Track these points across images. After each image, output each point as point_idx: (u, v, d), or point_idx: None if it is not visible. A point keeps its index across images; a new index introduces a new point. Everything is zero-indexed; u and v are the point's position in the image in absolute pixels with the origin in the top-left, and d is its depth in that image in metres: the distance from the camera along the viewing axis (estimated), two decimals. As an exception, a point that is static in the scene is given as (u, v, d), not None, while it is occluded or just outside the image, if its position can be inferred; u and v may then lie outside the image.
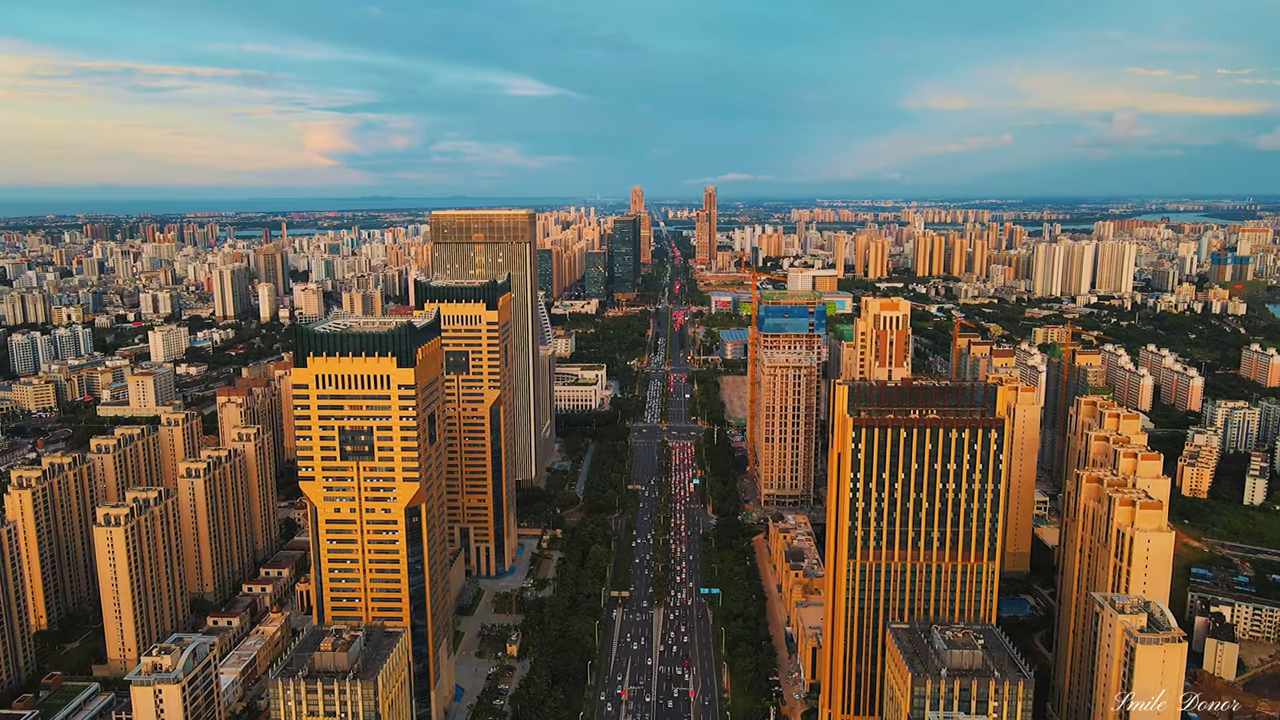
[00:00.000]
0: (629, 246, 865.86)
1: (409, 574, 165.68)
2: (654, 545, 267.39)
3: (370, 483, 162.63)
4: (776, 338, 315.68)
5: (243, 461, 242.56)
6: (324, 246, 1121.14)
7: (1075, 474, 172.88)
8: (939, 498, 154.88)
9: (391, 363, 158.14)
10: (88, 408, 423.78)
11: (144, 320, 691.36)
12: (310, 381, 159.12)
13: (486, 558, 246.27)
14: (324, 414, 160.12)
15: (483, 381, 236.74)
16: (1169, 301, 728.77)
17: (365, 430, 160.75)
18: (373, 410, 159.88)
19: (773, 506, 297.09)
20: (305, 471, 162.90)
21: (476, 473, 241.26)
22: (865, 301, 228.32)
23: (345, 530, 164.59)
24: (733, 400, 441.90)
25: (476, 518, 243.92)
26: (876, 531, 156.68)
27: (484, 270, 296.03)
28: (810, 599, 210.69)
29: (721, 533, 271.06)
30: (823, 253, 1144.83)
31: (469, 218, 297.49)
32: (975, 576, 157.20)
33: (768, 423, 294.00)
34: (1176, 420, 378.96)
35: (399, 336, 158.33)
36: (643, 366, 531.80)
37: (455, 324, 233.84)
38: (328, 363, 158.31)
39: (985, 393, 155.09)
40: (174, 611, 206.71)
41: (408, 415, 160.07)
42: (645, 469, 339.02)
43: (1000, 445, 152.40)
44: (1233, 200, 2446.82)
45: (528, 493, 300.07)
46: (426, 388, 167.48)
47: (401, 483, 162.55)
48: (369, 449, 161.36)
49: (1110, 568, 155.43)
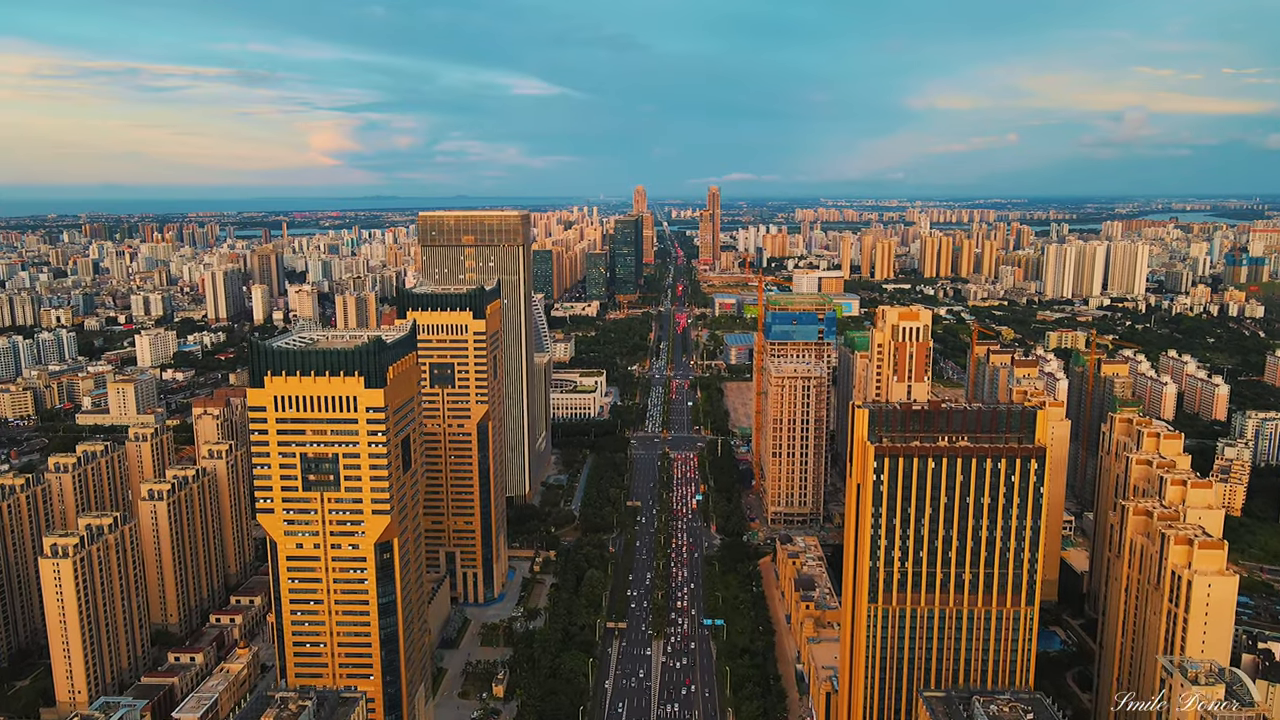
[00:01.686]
0: (631, 247, 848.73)
1: (380, 616, 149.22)
2: (654, 568, 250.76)
3: (336, 515, 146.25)
4: (784, 345, 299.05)
5: (213, 480, 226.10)
6: (323, 247, 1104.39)
7: (1119, 504, 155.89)
8: (971, 535, 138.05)
9: (359, 383, 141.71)
10: (67, 416, 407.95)
11: (135, 323, 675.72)
12: (268, 404, 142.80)
13: (474, 584, 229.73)
14: (284, 440, 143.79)
15: (470, 396, 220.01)
16: (1184, 304, 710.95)
17: (330, 458, 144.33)
18: (338, 436, 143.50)
19: (780, 525, 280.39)
20: (264, 503, 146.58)
21: (463, 494, 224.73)
22: (882, 311, 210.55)
23: (309, 568, 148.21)
24: (737, 408, 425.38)
25: (463, 542, 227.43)
26: (900, 573, 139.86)
27: (475, 275, 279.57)
28: (823, 634, 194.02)
29: (726, 555, 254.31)
30: (828, 253, 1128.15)
31: (459, 219, 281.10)
32: (1012, 624, 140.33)
33: (775, 436, 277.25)
34: (1202, 431, 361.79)
35: (367, 354, 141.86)
36: (644, 372, 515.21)
37: (440, 334, 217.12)
38: (288, 383, 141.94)
39: (1023, 417, 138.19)
40: (131, 647, 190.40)
41: (377, 441, 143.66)
42: (645, 483, 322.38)
43: (1041, 477, 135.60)
44: (1239, 200, 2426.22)
45: (521, 510, 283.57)
46: (400, 409, 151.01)
47: (371, 515, 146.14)
48: (334, 478, 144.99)
49: (1164, 614, 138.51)
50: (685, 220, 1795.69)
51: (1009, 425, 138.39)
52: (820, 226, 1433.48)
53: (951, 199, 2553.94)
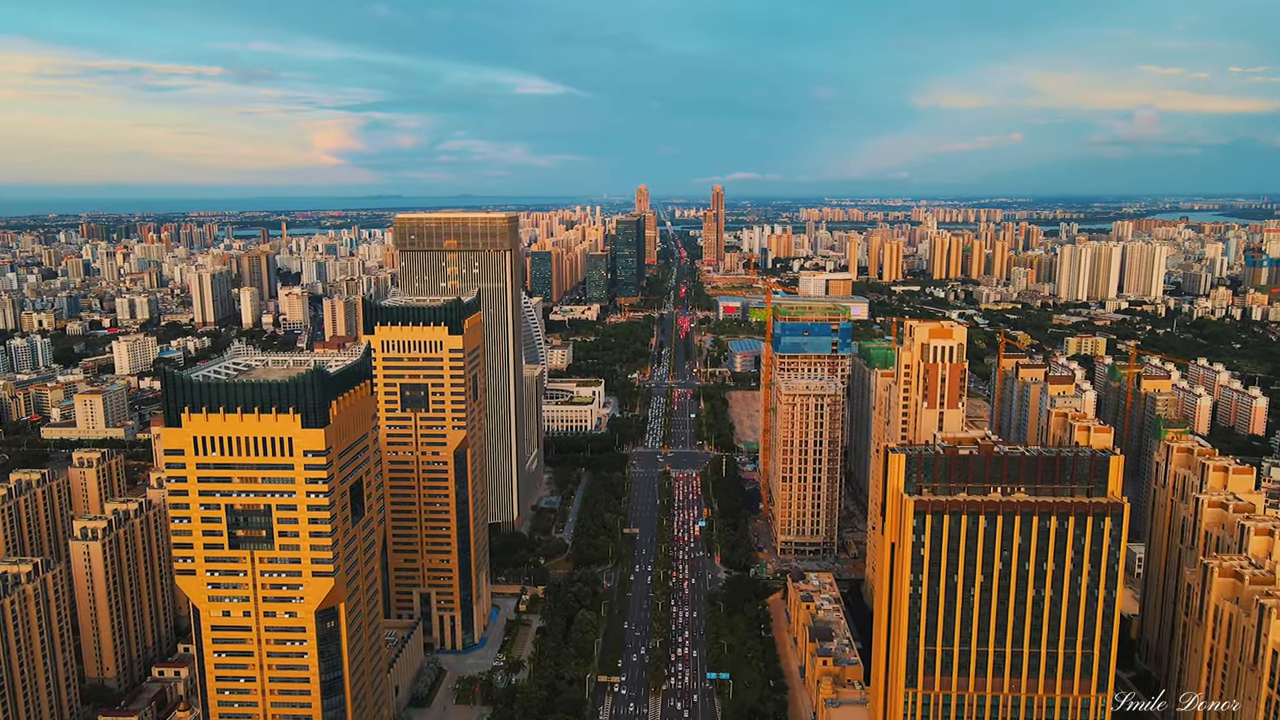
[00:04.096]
0: (632, 248, 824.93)
1: (323, 696, 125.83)
2: (652, 608, 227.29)
3: (270, 578, 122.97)
4: (794, 358, 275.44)
5: (159, 514, 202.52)
6: (321, 247, 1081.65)
7: (1203, 563, 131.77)
8: (1032, 607, 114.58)
9: (294, 422, 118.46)
10: (33, 429, 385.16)
11: (120, 327, 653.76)
12: (186, 446, 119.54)
13: (452, 629, 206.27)
14: (206, 489, 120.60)
15: (445, 421, 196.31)
16: (1205, 307, 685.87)
17: (261, 509, 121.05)
18: (271, 485, 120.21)
19: (790, 555, 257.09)
20: (183, 564, 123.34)
21: (439, 529, 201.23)
22: (910, 326, 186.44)
23: (238, 639, 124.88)
24: (743, 420, 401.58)
25: (439, 582, 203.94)
26: (945, 652, 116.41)
27: (458, 282, 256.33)
28: (842, 694, 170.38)
29: (731, 593, 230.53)
30: (834, 253, 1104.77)
31: (439, 221, 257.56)
32: (1079, 713, 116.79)
33: (784, 459, 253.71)
34: (1239, 446, 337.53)
35: (304, 386, 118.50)
36: (645, 380, 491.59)
37: (411, 351, 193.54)
38: (209, 421, 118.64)
39: (1092, 465, 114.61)
40: (58, 709, 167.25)
41: (318, 490, 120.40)
42: (644, 506, 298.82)
43: (1117, 539, 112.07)
44: (1247, 199, 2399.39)
45: (507, 539, 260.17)
46: (347, 450, 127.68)
47: (311, 578, 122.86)
48: (267, 534, 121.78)
49: (1262, 700, 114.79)
50: (689, 220, 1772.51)
51: (1075, 474, 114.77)
52: (825, 226, 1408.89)
53: (956, 198, 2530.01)
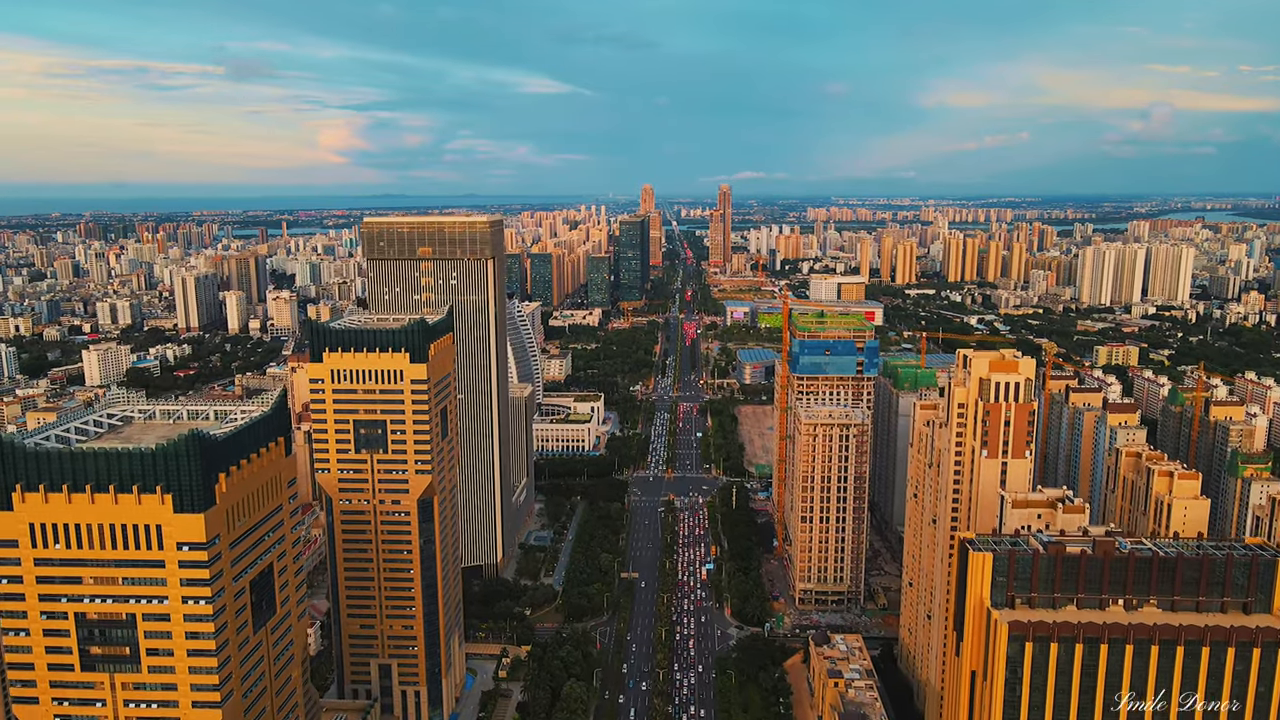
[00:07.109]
0: (636, 250, 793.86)
1: None
2: (652, 675, 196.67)
3: (136, 709, 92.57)
4: (814, 380, 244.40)
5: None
6: (319, 248, 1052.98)
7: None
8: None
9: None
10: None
11: (100, 332, 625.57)
12: (20, 536, 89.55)
13: (416, 706, 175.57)
14: (48, 592, 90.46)
15: (408, 464, 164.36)
16: (1237, 312, 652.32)
17: (123, 620, 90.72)
18: (135, 588, 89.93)
19: (810, 605, 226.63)
20: (21, 689, 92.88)
21: (401, 590, 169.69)
22: (966, 357, 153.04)
23: None
24: (753, 439, 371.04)
25: (402, 651, 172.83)
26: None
27: (432, 294, 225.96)
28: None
29: (744, 656, 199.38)
30: (843, 254, 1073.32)
31: (413, 225, 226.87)
32: None
33: (805, 496, 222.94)
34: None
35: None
36: (648, 392, 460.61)
37: (367, 382, 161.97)
38: (50, 504, 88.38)
39: (1251, 571, 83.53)
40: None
41: (198, 595, 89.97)
42: (645, 543, 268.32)
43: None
44: (1259, 198, 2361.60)
45: (489, 586, 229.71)
46: (245, 537, 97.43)
47: (190, 709, 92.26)
48: (131, 652, 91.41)
49: None
50: (695, 220, 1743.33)
51: (1227, 580, 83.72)
52: (834, 226, 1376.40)
53: (964, 197, 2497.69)
